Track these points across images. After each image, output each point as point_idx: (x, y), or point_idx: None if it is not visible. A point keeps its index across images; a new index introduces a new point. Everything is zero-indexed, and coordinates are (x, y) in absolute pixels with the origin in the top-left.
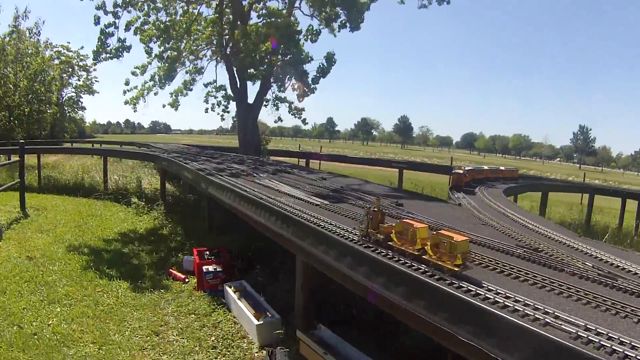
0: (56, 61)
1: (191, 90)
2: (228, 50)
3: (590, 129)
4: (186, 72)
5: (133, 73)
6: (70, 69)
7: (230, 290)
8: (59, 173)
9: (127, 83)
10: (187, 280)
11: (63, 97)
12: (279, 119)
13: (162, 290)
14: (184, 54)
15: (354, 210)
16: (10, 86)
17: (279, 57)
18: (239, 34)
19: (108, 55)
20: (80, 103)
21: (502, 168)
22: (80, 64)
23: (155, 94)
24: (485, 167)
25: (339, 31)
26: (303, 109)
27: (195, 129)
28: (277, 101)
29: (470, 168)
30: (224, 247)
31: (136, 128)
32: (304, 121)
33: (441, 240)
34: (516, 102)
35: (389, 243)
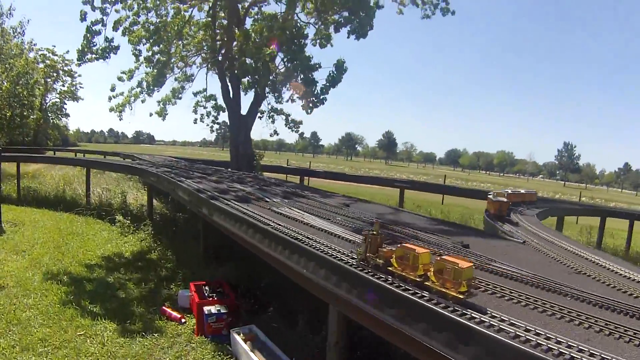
0: (41, 65)
1: (180, 98)
2: (220, 57)
3: (575, 146)
4: (175, 80)
5: (119, 78)
6: (54, 74)
7: (239, 339)
8: (39, 184)
9: (112, 89)
10: (184, 320)
11: (47, 103)
12: (275, 132)
13: (156, 335)
14: (173, 59)
15: None
16: None
17: (284, 63)
18: (240, 35)
19: (94, 55)
20: (64, 109)
21: (522, 191)
22: (66, 68)
23: (143, 101)
24: (509, 191)
25: (347, 37)
26: (301, 122)
27: (179, 140)
28: (272, 113)
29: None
30: (226, 281)
31: (120, 137)
32: (301, 135)
33: (445, 266)
34: (499, 119)
35: (389, 268)
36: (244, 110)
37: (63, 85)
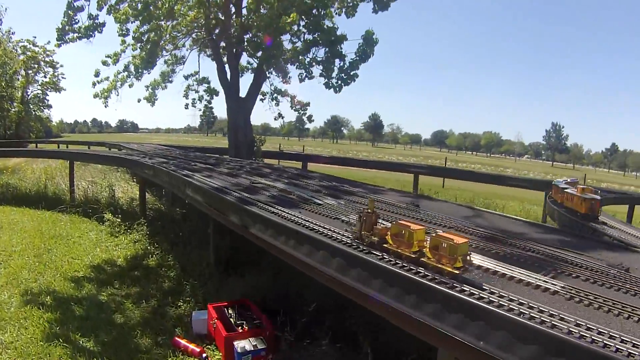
0: (21, 57)
1: (171, 82)
2: (215, 36)
3: (563, 127)
4: (165, 63)
5: (104, 63)
6: (35, 65)
7: None
8: (19, 180)
9: (97, 74)
10: (205, 355)
11: (28, 95)
12: (280, 115)
13: None
14: (164, 39)
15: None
16: None
17: (300, 37)
18: (252, 2)
19: (76, 35)
20: (46, 101)
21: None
22: (47, 59)
23: (130, 85)
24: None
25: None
26: (308, 104)
27: (163, 127)
28: (276, 94)
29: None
30: (252, 300)
31: (103, 127)
32: (309, 118)
33: (441, 242)
34: (484, 100)
35: (384, 245)
36: (242, 93)
37: (45, 77)
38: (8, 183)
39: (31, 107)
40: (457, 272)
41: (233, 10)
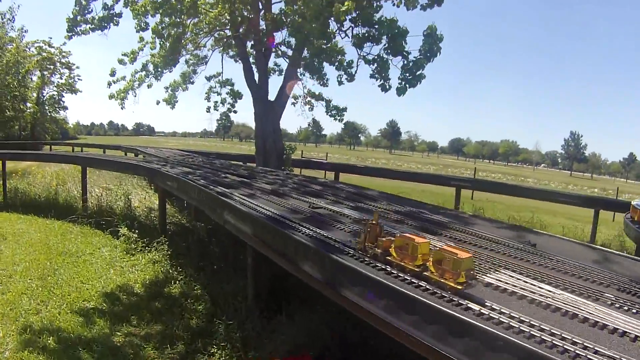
0: (37, 57)
1: (192, 83)
2: (241, 33)
3: (582, 136)
4: (185, 63)
5: (120, 61)
6: (51, 66)
7: None
8: (29, 184)
9: (112, 73)
10: None
11: (44, 96)
12: (314, 121)
13: None
14: (186, 36)
15: None
16: None
17: (346, 31)
18: None
19: (88, 26)
20: (62, 102)
21: None
22: (63, 60)
23: (149, 86)
24: None
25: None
26: (345, 109)
27: (179, 131)
28: (310, 98)
29: None
30: (310, 352)
31: (120, 130)
32: (346, 125)
33: (444, 256)
34: (500, 108)
35: (388, 258)
36: (271, 96)
37: (61, 78)
38: (17, 188)
39: (47, 108)
40: (459, 287)
41: (261, 5)
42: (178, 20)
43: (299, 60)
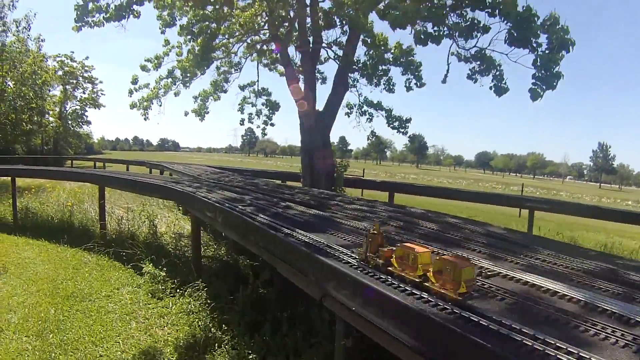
0: (59, 72)
1: (225, 92)
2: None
3: (610, 147)
4: (217, 69)
5: (143, 68)
6: (74, 81)
7: None
8: (41, 204)
9: (134, 81)
10: None
11: (67, 110)
12: (373, 134)
13: None
14: (217, 39)
15: None
16: None
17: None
18: None
19: (102, 16)
20: (85, 117)
21: None
22: (86, 75)
23: (176, 94)
24: None
25: None
26: (409, 120)
27: (204, 146)
28: (367, 108)
29: None
30: None
31: (144, 145)
32: (411, 138)
33: (445, 266)
34: (526, 120)
35: (389, 268)
36: (319, 105)
37: (84, 92)
38: (27, 207)
39: (69, 122)
40: (460, 298)
41: (308, 1)
42: (213, 15)
43: (350, 62)
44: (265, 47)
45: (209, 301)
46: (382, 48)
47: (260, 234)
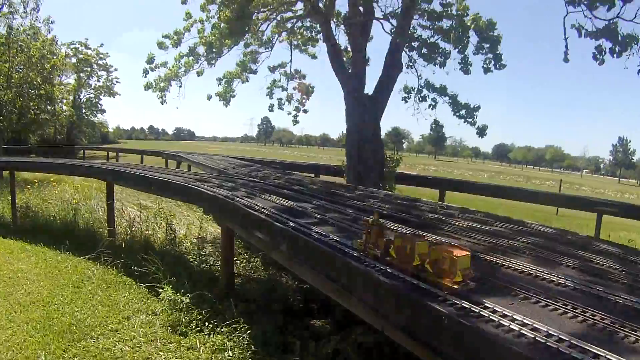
0: (73, 59)
1: (255, 72)
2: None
3: (630, 141)
4: (245, 46)
5: (160, 45)
6: (88, 68)
7: None
8: (44, 200)
9: (150, 60)
10: None
11: (81, 99)
12: (436, 122)
13: None
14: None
15: None
16: (2, 78)
17: None
18: None
19: None
20: (99, 105)
21: None
22: (100, 62)
23: (199, 73)
24: None
25: None
26: (477, 108)
27: (219, 136)
28: (426, 92)
29: None
30: None
31: (160, 134)
32: (483, 130)
33: (441, 255)
34: (542, 112)
35: (387, 259)
36: (368, 89)
37: (98, 80)
38: (27, 205)
39: (83, 111)
40: (456, 287)
41: None
42: None
43: (405, 36)
44: (301, 23)
45: (253, 347)
46: (454, 20)
47: (368, 285)
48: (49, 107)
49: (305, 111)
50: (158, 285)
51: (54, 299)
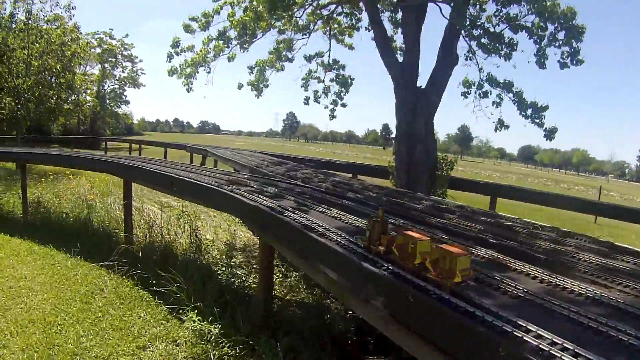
0: (98, 50)
1: (291, 60)
2: None
3: None
4: (279, 33)
5: (187, 28)
6: (112, 59)
7: None
8: (56, 195)
9: (175, 44)
10: None
11: (105, 90)
12: (501, 123)
13: None
14: None
15: None
16: (22, 65)
17: None
18: None
19: None
20: (124, 96)
21: None
22: (125, 53)
23: (231, 58)
24: None
25: None
26: (546, 108)
27: (244, 130)
28: (491, 86)
29: None
30: None
31: (185, 127)
32: (550, 132)
33: (441, 254)
34: (567, 114)
35: (390, 256)
36: (420, 81)
37: (123, 71)
38: (39, 200)
39: (107, 102)
40: (455, 286)
41: None
42: None
43: (462, 21)
44: (341, 8)
45: None
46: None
47: None
48: (72, 97)
49: (343, 105)
50: (180, 308)
51: (58, 318)
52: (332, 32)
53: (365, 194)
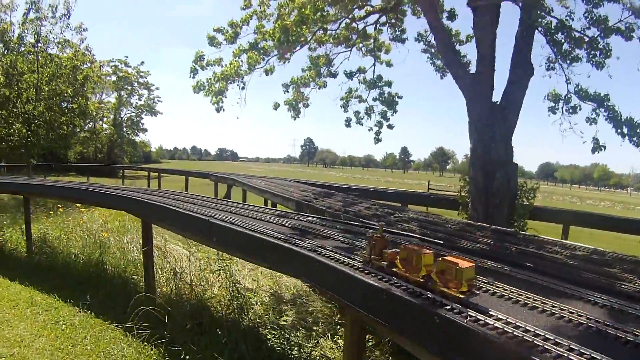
0: (113, 77)
1: (334, 76)
2: None
3: None
4: (318, 43)
5: (211, 40)
6: (129, 87)
7: None
8: (65, 232)
9: (199, 57)
10: None
11: (122, 117)
12: (598, 144)
13: None
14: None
15: None
16: (32, 90)
17: None
18: None
19: None
20: (141, 124)
21: None
22: (141, 81)
23: (269, 71)
24: None
25: None
26: None
27: (262, 157)
28: (581, 100)
29: None
30: None
31: (202, 155)
32: None
33: (447, 266)
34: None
35: (393, 270)
36: (496, 95)
37: (139, 99)
38: (45, 238)
39: (124, 130)
40: (462, 296)
41: None
42: None
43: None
44: (386, 18)
45: None
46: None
47: None
48: (89, 125)
49: (390, 127)
50: None
51: None
52: (361, 52)
53: (477, 238)
